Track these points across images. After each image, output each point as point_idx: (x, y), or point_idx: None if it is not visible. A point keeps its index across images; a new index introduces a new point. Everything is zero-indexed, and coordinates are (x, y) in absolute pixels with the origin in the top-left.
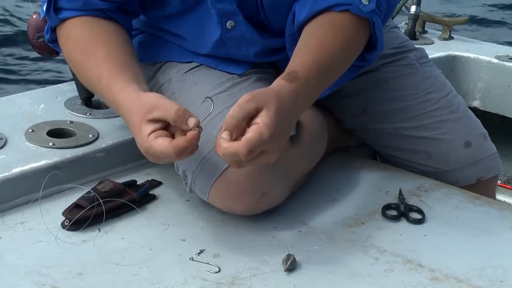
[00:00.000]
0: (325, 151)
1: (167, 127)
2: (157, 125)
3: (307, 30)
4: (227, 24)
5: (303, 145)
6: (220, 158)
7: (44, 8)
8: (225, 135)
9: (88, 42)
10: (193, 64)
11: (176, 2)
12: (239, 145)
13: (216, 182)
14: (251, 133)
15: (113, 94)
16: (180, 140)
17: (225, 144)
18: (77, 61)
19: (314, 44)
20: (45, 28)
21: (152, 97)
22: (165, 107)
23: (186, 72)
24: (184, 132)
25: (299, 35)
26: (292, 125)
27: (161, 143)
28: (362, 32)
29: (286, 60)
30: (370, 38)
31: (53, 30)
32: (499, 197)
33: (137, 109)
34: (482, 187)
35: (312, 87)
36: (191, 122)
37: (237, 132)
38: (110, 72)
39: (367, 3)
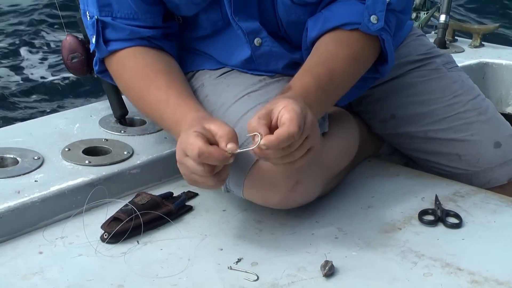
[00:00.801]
0: (357, 157)
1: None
2: (204, 138)
3: (314, 48)
4: (255, 41)
5: (334, 138)
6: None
7: (93, 40)
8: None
9: (145, 70)
10: (225, 69)
11: (207, 25)
12: (277, 136)
13: (250, 173)
14: (284, 126)
15: (184, 111)
16: (210, 148)
17: (272, 137)
18: (136, 89)
19: (315, 60)
20: (94, 60)
21: (210, 116)
22: (217, 123)
23: (218, 76)
24: None
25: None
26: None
27: (195, 138)
28: (372, 48)
29: None
30: (382, 52)
31: (101, 61)
32: None
33: (198, 120)
34: None
35: (312, 95)
36: (230, 145)
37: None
38: (178, 96)
39: (375, 22)
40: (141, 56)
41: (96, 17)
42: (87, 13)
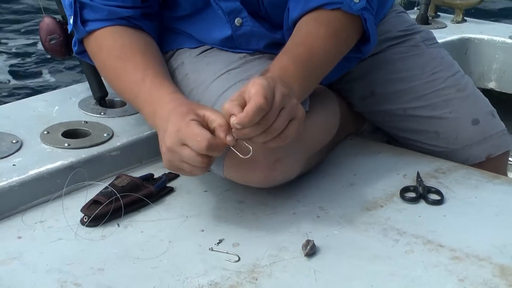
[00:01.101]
0: (339, 133)
1: None
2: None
3: (295, 28)
4: (236, 21)
5: (314, 115)
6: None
7: (71, 21)
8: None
9: (122, 50)
10: (205, 47)
11: (187, 5)
12: (255, 100)
13: (230, 152)
14: (252, 91)
15: (161, 93)
16: (218, 140)
17: (242, 113)
18: (112, 68)
19: (295, 40)
20: (73, 41)
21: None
22: (217, 113)
23: (198, 54)
24: None
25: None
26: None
27: (200, 129)
28: (353, 27)
29: None
30: (364, 32)
31: (81, 42)
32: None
33: (189, 103)
34: (493, 165)
35: (292, 75)
36: (229, 137)
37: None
38: (154, 76)
39: (357, 1)
40: (119, 36)
41: None
42: None
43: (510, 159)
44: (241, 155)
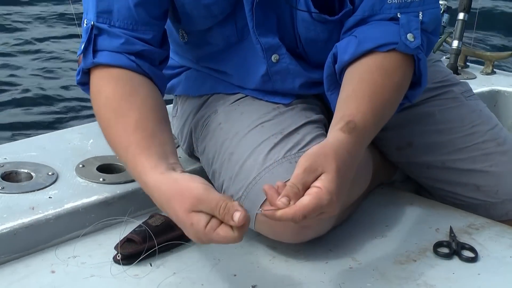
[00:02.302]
0: (370, 184)
1: None
2: (207, 217)
3: (355, 74)
4: (272, 57)
5: None
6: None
7: (82, 46)
8: (284, 200)
9: (121, 102)
10: (239, 96)
11: (218, 40)
12: (296, 212)
13: (262, 207)
14: (309, 198)
15: (139, 171)
16: (239, 230)
17: (280, 212)
18: (106, 119)
19: (367, 91)
20: (77, 70)
21: (193, 188)
22: (210, 202)
23: (232, 103)
24: None
25: (341, 76)
26: (350, 179)
27: (224, 235)
28: (408, 72)
29: None
30: (414, 75)
31: (85, 73)
32: None
33: (179, 200)
34: None
35: (369, 136)
36: (236, 217)
37: (296, 199)
38: (137, 146)
39: (412, 39)
40: (123, 83)
41: (92, 22)
42: (85, 20)
43: None
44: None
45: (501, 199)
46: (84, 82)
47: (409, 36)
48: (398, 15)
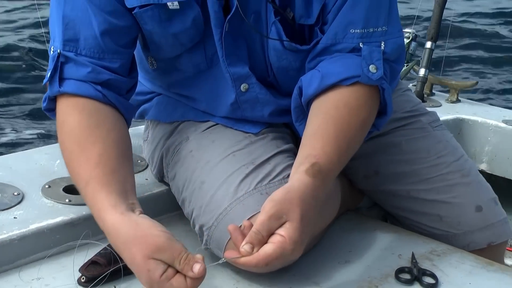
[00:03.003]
0: (337, 211)
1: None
2: (164, 266)
3: (321, 109)
4: (241, 87)
5: None
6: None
7: (48, 74)
8: (247, 247)
9: (84, 134)
10: (210, 123)
11: (188, 68)
12: (259, 260)
13: (227, 249)
14: (273, 248)
15: (98, 208)
16: (194, 282)
17: (243, 260)
18: (69, 151)
19: (333, 129)
20: (44, 96)
21: (155, 235)
22: (172, 252)
23: (204, 130)
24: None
25: (307, 108)
26: (314, 220)
27: (176, 286)
28: (374, 109)
29: None
30: (379, 104)
31: (51, 100)
32: (507, 261)
33: (140, 245)
34: (492, 252)
35: (333, 176)
36: (196, 268)
37: (260, 246)
38: (98, 181)
39: (375, 70)
40: (88, 114)
41: (59, 50)
42: (52, 47)
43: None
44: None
45: (463, 231)
46: (51, 109)
47: (371, 68)
48: (361, 45)
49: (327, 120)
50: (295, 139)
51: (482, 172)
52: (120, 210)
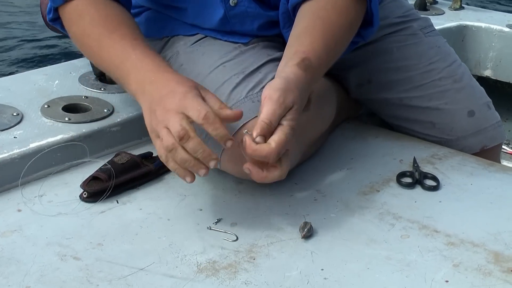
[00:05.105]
0: (337, 119)
1: None
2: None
3: (308, 11)
4: (230, 1)
5: (310, 110)
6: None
7: None
8: (259, 139)
9: (107, 19)
10: (199, 36)
11: None
12: (269, 150)
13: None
14: (279, 136)
15: (149, 70)
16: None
17: (254, 147)
18: (97, 34)
19: (321, 28)
20: (48, 8)
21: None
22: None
23: (193, 44)
24: None
25: (294, 14)
26: (312, 123)
27: (204, 103)
28: (361, 12)
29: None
30: (366, 14)
31: (55, 9)
32: (504, 163)
33: (192, 80)
34: (486, 156)
35: (320, 73)
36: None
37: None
38: (145, 47)
39: None
40: (103, 6)
41: None
42: None
43: (503, 147)
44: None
45: (456, 136)
46: (55, 18)
47: None
48: None
49: (315, 21)
50: None
51: (487, 78)
52: (171, 69)
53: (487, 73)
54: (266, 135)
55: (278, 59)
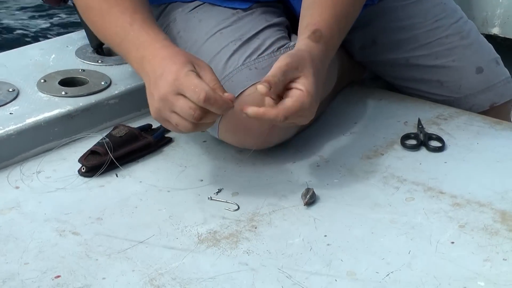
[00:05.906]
0: (339, 84)
1: None
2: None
3: None
4: None
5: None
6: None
7: None
8: (269, 101)
9: None
10: (197, 3)
11: None
12: (278, 112)
13: (224, 117)
14: (293, 100)
15: (152, 38)
16: (216, 95)
17: (263, 109)
18: (97, 10)
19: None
20: None
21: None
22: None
23: (190, 10)
24: None
25: None
26: (321, 87)
27: (200, 80)
28: None
29: None
30: None
31: None
32: None
33: (186, 53)
34: (496, 113)
35: (334, 44)
36: (228, 95)
37: (275, 91)
38: (143, 21)
39: None
40: None
41: None
42: None
43: None
44: None
45: (465, 94)
46: None
47: None
48: None
49: None
50: (289, 14)
51: (495, 36)
52: (167, 42)
53: (495, 30)
54: (271, 85)
55: (277, 24)
